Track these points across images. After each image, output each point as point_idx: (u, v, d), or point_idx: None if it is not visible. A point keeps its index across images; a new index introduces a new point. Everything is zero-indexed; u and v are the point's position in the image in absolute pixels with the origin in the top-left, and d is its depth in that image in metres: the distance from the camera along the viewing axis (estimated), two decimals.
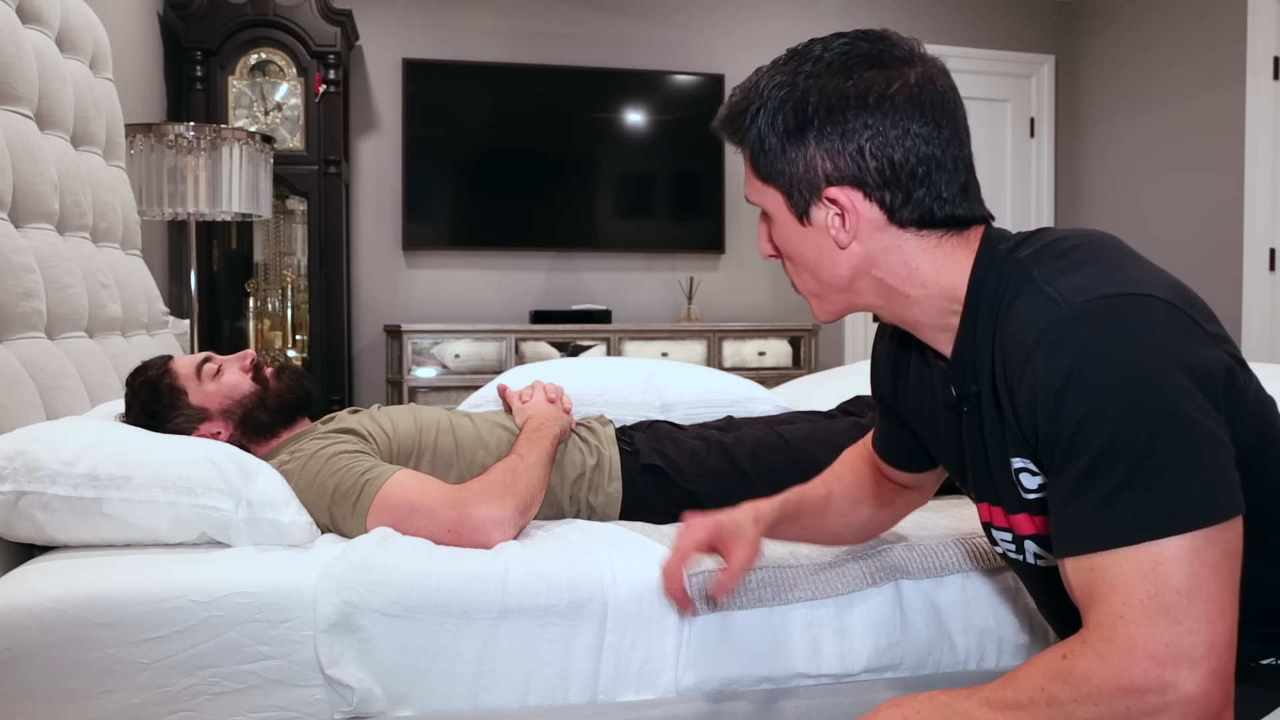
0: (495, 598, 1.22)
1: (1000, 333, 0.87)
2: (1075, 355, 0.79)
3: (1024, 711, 0.79)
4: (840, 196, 0.90)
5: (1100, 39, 5.02)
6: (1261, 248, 4.12)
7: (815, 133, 0.90)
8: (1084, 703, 0.77)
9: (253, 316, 4.12)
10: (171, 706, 1.17)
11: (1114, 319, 0.79)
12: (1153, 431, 0.76)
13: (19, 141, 1.77)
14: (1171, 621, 0.74)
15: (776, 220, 0.95)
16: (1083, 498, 0.79)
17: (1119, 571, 0.76)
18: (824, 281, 0.95)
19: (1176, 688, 0.74)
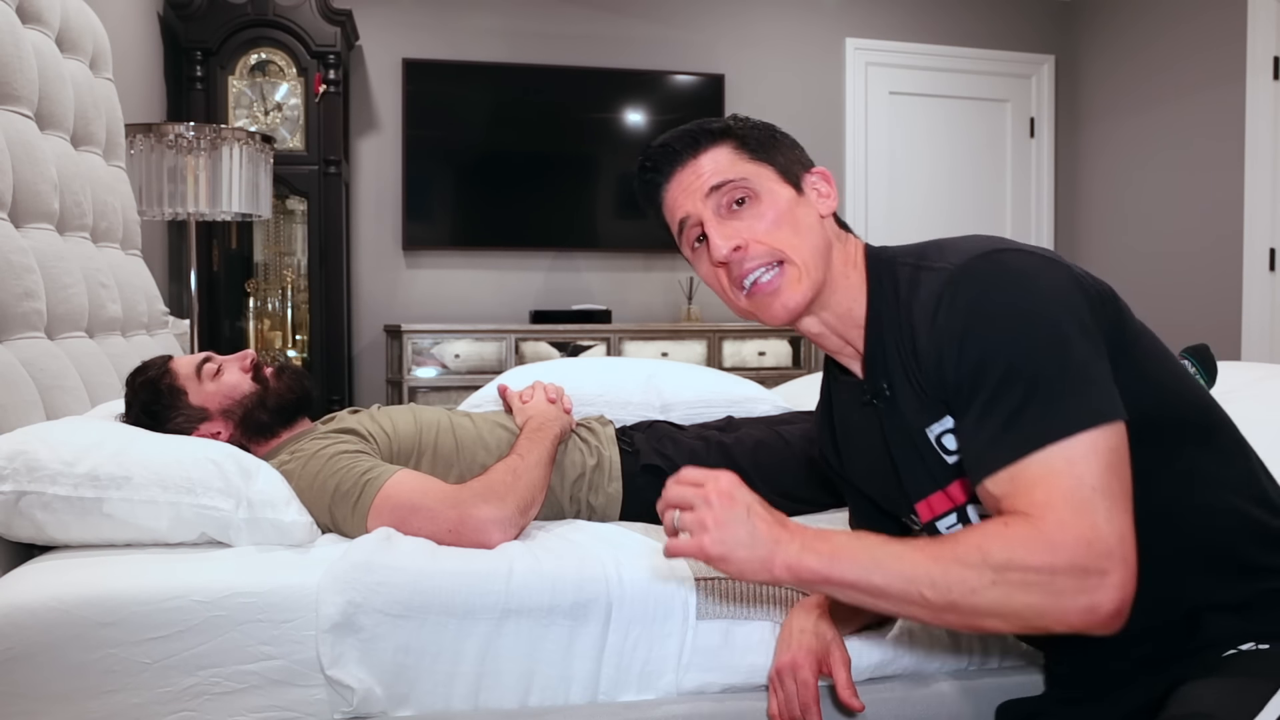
0: (499, 598, 1.22)
1: (907, 318, 0.99)
2: (966, 305, 0.92)
3: (957, 564, 0.85)
4: (824, 173, 1.11)
5: (1100, 39, 5.02)
6: (1261, 248, 4.12)
7: (782, 140, 1.10)
8: (1016, 568, 0.83)
9: (253, 316, 4.12)
10: (173, 706, 1.17)
11: (994, 269, 0.93)
12: (1040, 356, 0.88)
13: (19, 141, 1.77)
14: (1091, 510, 0.83)
15: (768, 194, 1.05)
16: (990, 422, 0.89)
17: (1038, 472, 0.85)
18: (817, 248, 1.05)
19: (1103, 572, 0.82)
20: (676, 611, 1.27)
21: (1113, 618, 0.83)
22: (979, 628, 0.87)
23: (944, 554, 0.86)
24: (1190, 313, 4.36)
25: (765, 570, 0.90)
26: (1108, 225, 4.93)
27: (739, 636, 1.28)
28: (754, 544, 0.89)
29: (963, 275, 0.94)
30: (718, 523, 0.90)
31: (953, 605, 0.85)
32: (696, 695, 1.27)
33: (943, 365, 0.93)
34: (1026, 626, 0.85)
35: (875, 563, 0.87)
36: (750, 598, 1.30)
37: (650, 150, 1.10)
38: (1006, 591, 0.83)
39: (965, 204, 5.10)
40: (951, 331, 0.92)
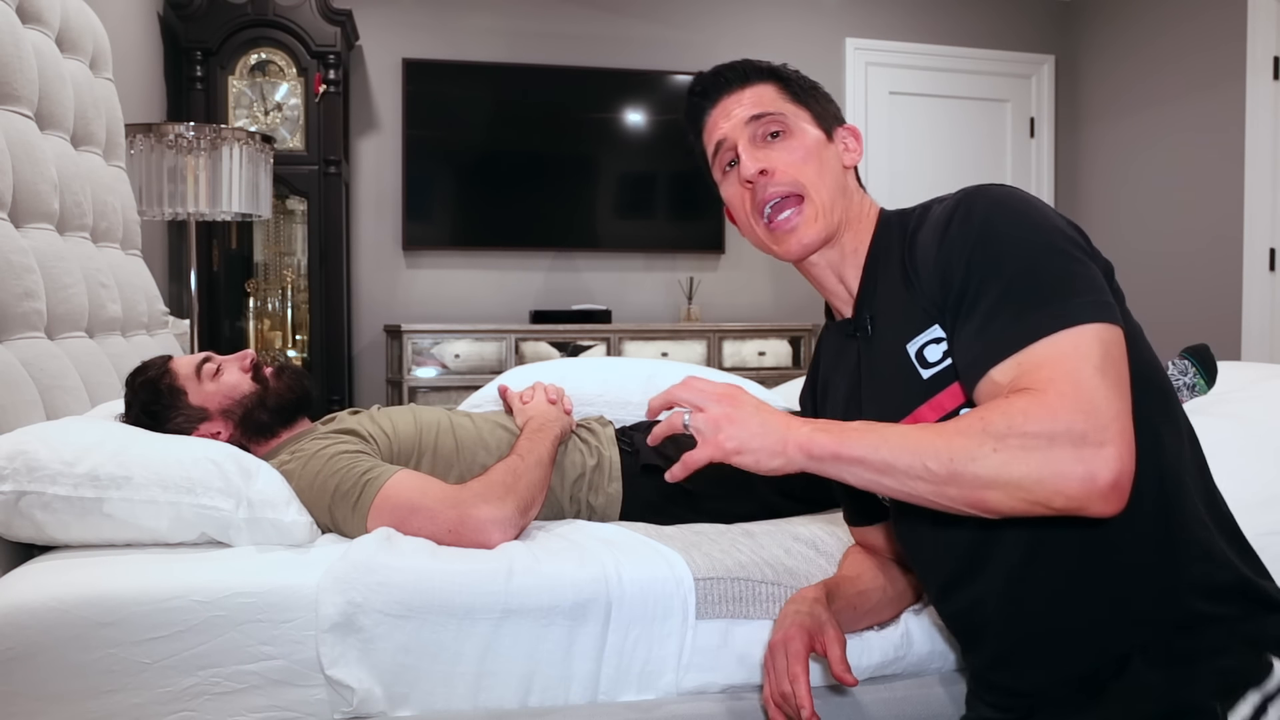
0: (499, 598, 1.22)
1: (910, 239, 1.07)
2: (982, 214, 0.98)
3: (959, 436, 0.87)
4: (855, 129, 1.20)
5: (1100, 39, 5.02)
6: (1261, 248, 4.12)
7: (823, 96, 1.20)
8: (1016, 434, 0.85)
9: (253, 316, 4.12)
10: (173, 706, 1.17)
11: (1009, 190, 1.01)
12: (1053, 259, 0.94)
13: (19, 141, 1.77)
14: (1091, 387, 0.86)
15: (798, 132, 1.14)
16: (1000, 317, 0.93)
17: (1044, 354, 0.89)
18: (837, 189, 1.14)
19: (1100, 442, 0.84)
20: (676, 611, 1.27)
21: (1111, 491, 0.84)
22: (983, 502, 0.87)
23: (947, 428, 0.89)
24: (1190, 313, 4.36)
25: (780, 453, 0.93)
26: (1108, 225, 4.93)
27: (739, 636, 1.28)
28: (766, 432, 0.94)
29: (978, 192, 1.01)
30: (730, 418, 0.95)
31: (954, 475, 0.87)
32: (697, 695, 1.27)
33: (950, 268, 0.98)
34: (1027, 500, 0.86)
35: (882, 439, 0.90)
36: (750, 597, 1.30)
37: (702, 76, 1.19)
38: (1006, 458, 0.85)
39: None
40: (965, 236, 0.98)
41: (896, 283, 1.07)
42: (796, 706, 1.07)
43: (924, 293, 1.03)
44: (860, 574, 1.27)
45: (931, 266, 1.01)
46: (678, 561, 1.31)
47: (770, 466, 0.95)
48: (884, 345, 1.08)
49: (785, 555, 1.38)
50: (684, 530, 1.50)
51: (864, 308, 1.13)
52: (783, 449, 0.93)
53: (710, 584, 1.29)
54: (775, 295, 4.95)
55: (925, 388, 1.03)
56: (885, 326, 1.09)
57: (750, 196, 1.14)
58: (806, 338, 4.63)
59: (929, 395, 1.02)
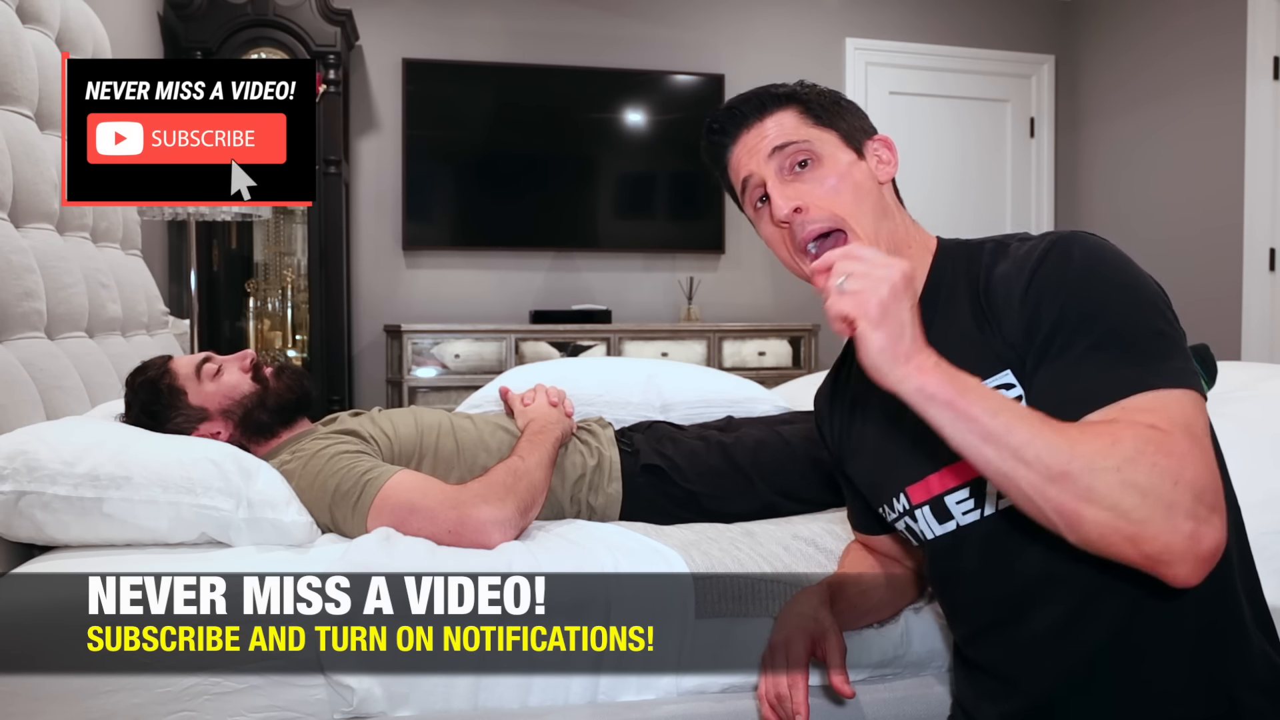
0: None
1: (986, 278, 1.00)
2: (1083, 258, 0.93)
3: (1084, 440, 0.81)
4: (887, 140, 1.12)
5: (1100, 39, 5.02)
6: (1261, 248, 4.12)
7: (847, 108, 1.13)
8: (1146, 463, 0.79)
9: (253, 316, 4.12)
10: (172, 706, 1.17)
11: (1102, 244, 0.96)
12: (1153, 318, 0.91)
13: (19, 141, 1.77)
14: (1203, 449, 0.82)
15: (830, 159, 1.07)
16: (1100, 361, 0.88)
17: (1153, 404, 0.84)
18: (877, 212, 1.07)
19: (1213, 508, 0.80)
20: (675, 610, 1.27)
21: (1207, 559, 0.79)
22: (1077, 515, 0.80)
23: (1070, 427, 0.82)
24: (1190, 313, 4.34)
25: (901, 362, 0.84)
26: (1108, 225, 4.92)
27: (738, 635, 1.28)
28: (903, 334, 0.85)
29: (1074, 236, 0.96)
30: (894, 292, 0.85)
31: (1066, 476, 0.80)
32: (697, 695, 1.27)
33: (1042, 306, 0.92)
34: (1123, 533, 0.79)
35: (1003, 406, 0.83)
36: (749, 595, 1.30)
37: (717, 112, 1.13)
38: (1125, 483, 0.78)
39: (965, 204, 5.10)
40: (1063, 275, 0.92)
41: (963, 319, 1.00)
42: (792, 712, 1.07)
43: (1000, 333, 0.96)
44: (862, 572, 1.26)
45: (1016, 304, 0.94)
46: (676, 560, 1.32)
47: (880, 370, 0.85)
48: None
49: (785, 553, 1.38)
50: (684, 530, 1.50)
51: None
52: (906, 360, 0.84)
53: (709, 582, 1.29)
54: (775, 295, 4.95)
55: None
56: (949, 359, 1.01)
57: (789, 235, 1.06)
58: (806, 338, 4.63)
59: None
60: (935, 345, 0.97)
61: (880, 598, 1.26)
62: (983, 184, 5.15)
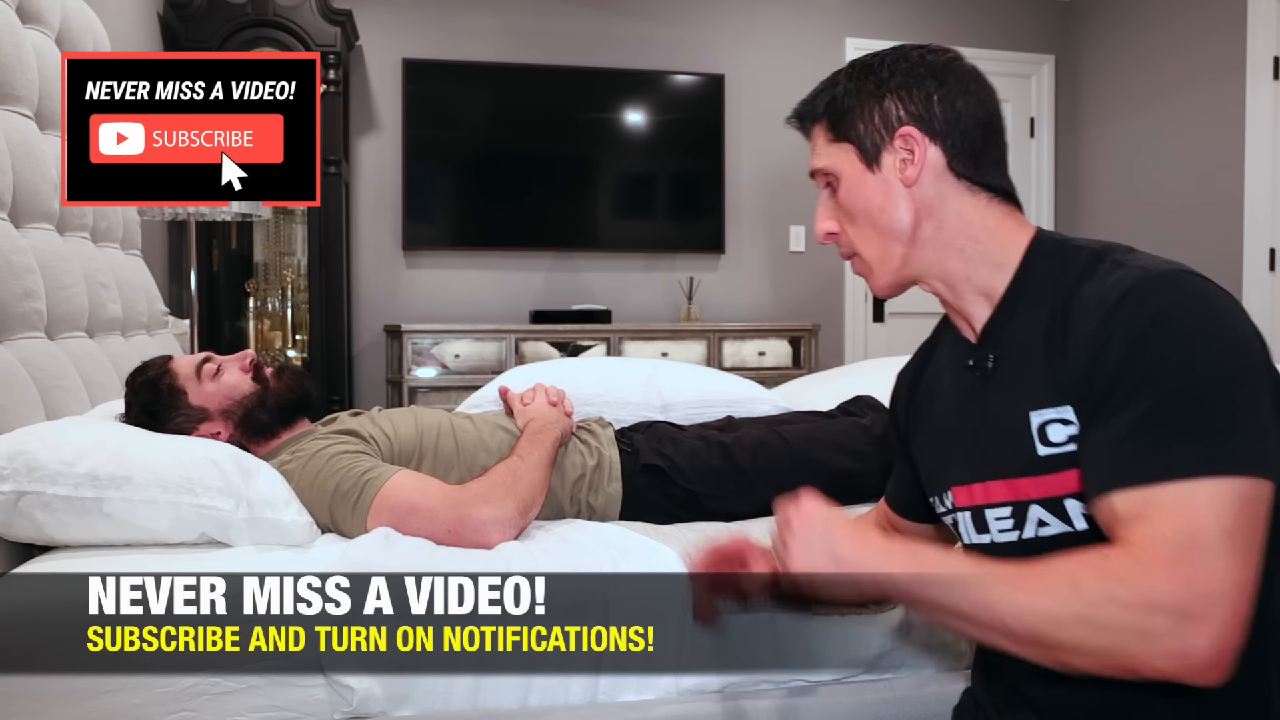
0: None
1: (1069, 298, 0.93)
2: (1157, 309, 0.86)
3: (1045, 595, 0.80)
4: (910, 133, 0.99)
5: (1100, 39, 5.02)
6: (1261, 248, 4.12)
7: (889, 86, 1.01)
8: (1109, 602, 0.78)
9: (253, 316, 4.12)
10: (172, 706, 1.17)
11: (1198, 287, 0.88)
12: (1219, 388, 0.83)
13: (19, 141, 1.77)
14: (1211, 554, 0.78)
15: (845, 179, 1.02)
16: (1146, 433, 0.83)
17: (1171, 503, 0.80)
18: (886, 232, 1.01)
19: (1204, 618, 0.77)
20: (674, 609, 1.27)
21: (1208, 669, 0.77)
22: (1066, 664, 0.81)
23: (1033, 583, 0.82)
24: None
25: (852, 587, 0.90)
26: (1108, 225, 4.92)
27: (737, 632, 1.28)
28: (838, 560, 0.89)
29: (1162, 280, 0.88)
30: (800, 545, 0.91)
31: (1036, 638, 0.81)
32: (696, 695, 1.27)
33: (1105, 354, 0.87)
34: (1115, 668, 0.80)
35: (963, 587, 0.84)
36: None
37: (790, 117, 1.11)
38: (1094, 628, 0.78)
39: None
40: (1131, 328, 0.86)
41: (1037, 335, 0.95)
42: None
43: (1065, 363, 0.91)
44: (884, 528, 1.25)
45: (1085, 341, 0.89)
46: (674, 559, 1.32)
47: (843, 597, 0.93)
48: (1002, 397, 0.98)
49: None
50: (683, 529, 1.50)
51: (989, 345, 1.00)
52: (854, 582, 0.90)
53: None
54: (775, 295, 4.95)
55: (1037, 464, 0.94)
56: (1009, 378, 0.97)
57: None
58: (806, 338, 4.63)
59: (1039, 472, 0.94)
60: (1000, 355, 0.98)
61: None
62: None
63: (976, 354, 1.01)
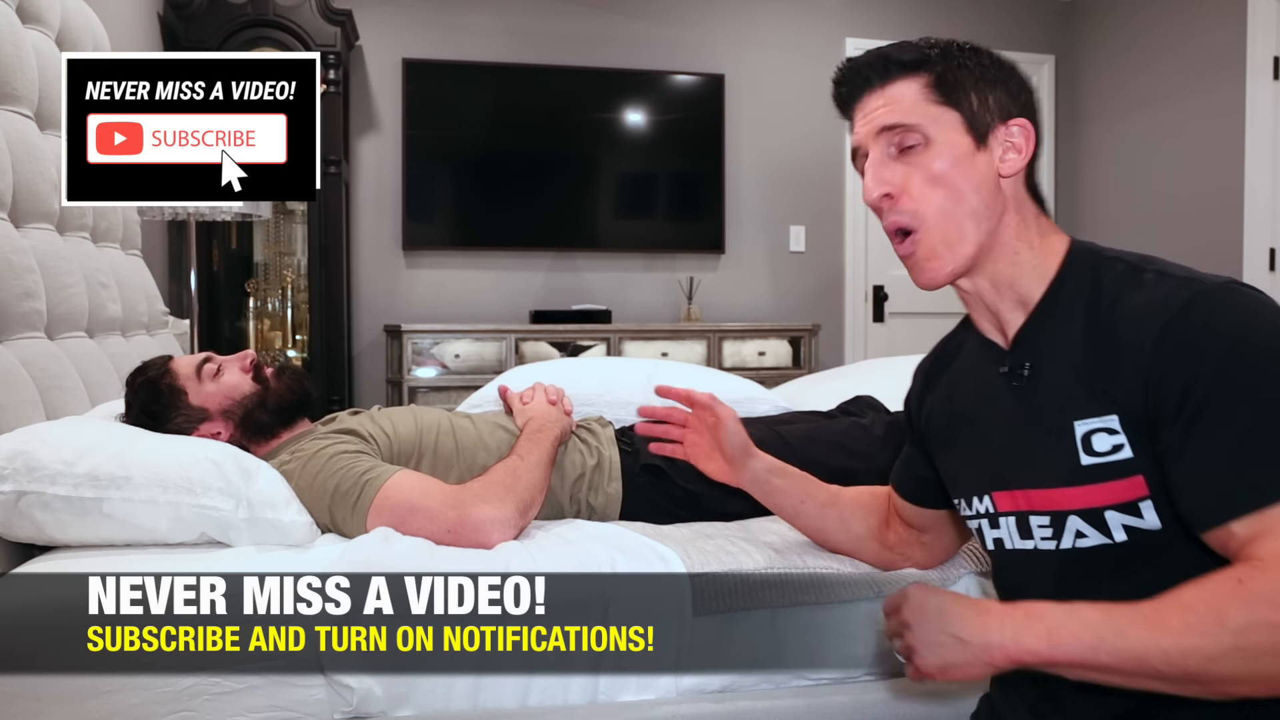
0: None
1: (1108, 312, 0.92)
2: (1235, 324, 0.85)
3: (1189, 634, 0.78)
4: (1025, 125, 0.99)
5: (1100, 39, 5.02)
6: (1261, 248, 4.12)
7: (1004, 74, 1.01)
8: (1260, 628, 0.77)
9: (253, 316, 4.12)
10: (172, 706, 1.17)
11: (1255, 297, 0.87)
12: None
13: (19, 141, 1.77)
14: None
15: (941, 144, 0.98)
16: (1255, 454, 0.82)
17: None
18: (975, 214, 0.98)
19: None
20: (673, 609, 1.27)
21: None
22: (1228, 694, 0.80)
23: (1172, 622, 0.79)
24: None
25: (987, 664, 0.86)
26: (1108, 225, 4.93)
27: (736, 633, 1.28)
28: (964, 644, 0.86)
29: (1224, 294, 0.87)
30: (922, 641, 0.88)
31: (1191, 677, 0.79)
32: (696, 695, 1.27)
33: (1174, 368, 0.86)
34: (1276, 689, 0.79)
35: (1099, 640, 0.82)
36: (746, 589, 1.29)
37: (844, 66, 1.05)
38: (1251, 657, 0.77)
39: None
40: (1210, 340, 0.85)
41: (1077, 342, 0.94)
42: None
43: (1118, 376, 0.90)
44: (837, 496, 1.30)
45: (1148, 352, 0.88)
46: (673, 559, 1.32)
47: (982, 676, 0.88)
48: (1041, 404, 0.97)
49: (784, 547, 1.38)
50: (682, 529, 1.50)
51: (1023, 352, 1.00)
52: (989, 660, 0.85)
53: (706, 579, 1.29)
54: (775, 295, 4.95)
55: (1081, 474, 0.93)
56: (1049, 385, 0.97)
57: (879, 216, 1.01)
58: (806, 338, 4.63)
59: (1081, 482, 0.93)
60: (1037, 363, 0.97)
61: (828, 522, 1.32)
62: None
63: (1011, 360, 1.00)
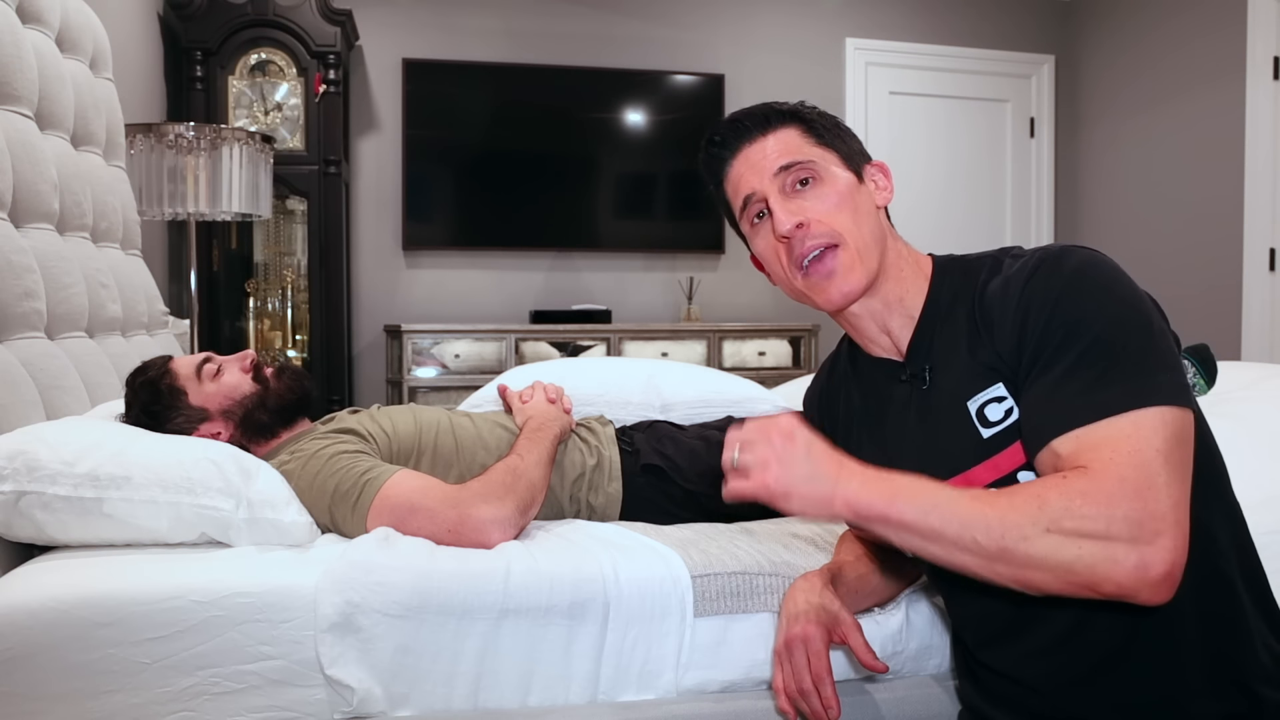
0: (497, 598, 1.22)
1: (980, 294, 1.02)
2: (1068, 275, 0.95)
3: (1013, 511, 0.85)
4: (884, 166, 1.15)
5: (1100, 39, 5.02)
6: (1261, 248, 4.12)
7: (846, 132, 1.14)
8: (1071, 515, 0.84)
9: (253, 316, 4.12)
10: (172, 706, 1.17)
11: (1094, 256, 0.97)
12: (1132, 331, 0.92)
13: (19, 141, 1.77)
14: (1151, 473, 0.85)
15: (829, 176, 1.09)
16: (1073, 383, 0.91)
17: (1106, 434, 0.87)
18: (871, 232, 1.09)
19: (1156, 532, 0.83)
20: (674, 609, 1.27)
21: (1162, 582, 0.83)
22: (1029, 582, 0.86)
23: (1000, 501, 0.87)
24: (1190, 313, 4.36)
25: (826, 505, 0.91)
26: (1108, 225, 4.93)
27: (737, 632, 1.28)
28: (814, 480, 0.91)
29: (1065, 251, 0.98)
30: (779, 459, 0.92)
31: (1004, 552, 0.85)
32: (697, 694, 1.27)
33: (1029, 319, 0.95)
34: (1076, 584, 0.85)
35: (934, 505, 0.88)
36: (748, 591, 1.30)
37: (720, 125, 1.13)
38: (1059, 541, 0.84)
39: (965, 204, 5.10)
40: (1047, 295, 0.95)
41: (959, 335, 1.04)
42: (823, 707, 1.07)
43: (992, 347, 0.99)
44: (859, 556, 1.26)
45: (1009, 317, 0.97)
46: (674, 559, 1.32)
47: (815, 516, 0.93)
48: (941, 398, 1.05)
49: (784, 549, 1.38)
50: (683, 529, 1.50)
51: (919, 358, 1.08)
52: (829, 502, 0.91)
53: (707, 580, 1.29)
54: (775, 295, 4.95)
55: (983, 447, 1.00)
56: (944, 379, 1.05)
57: (786, 251, 1.08)
58: (806, 338, 4.63)
59: (986, 455, 1.00)
60: (933, 365, 1.06)
61: (878, 582, 1.27)
62: (983, 184, 5.15)
63: (911, 367, 1.08)
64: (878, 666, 1.09)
